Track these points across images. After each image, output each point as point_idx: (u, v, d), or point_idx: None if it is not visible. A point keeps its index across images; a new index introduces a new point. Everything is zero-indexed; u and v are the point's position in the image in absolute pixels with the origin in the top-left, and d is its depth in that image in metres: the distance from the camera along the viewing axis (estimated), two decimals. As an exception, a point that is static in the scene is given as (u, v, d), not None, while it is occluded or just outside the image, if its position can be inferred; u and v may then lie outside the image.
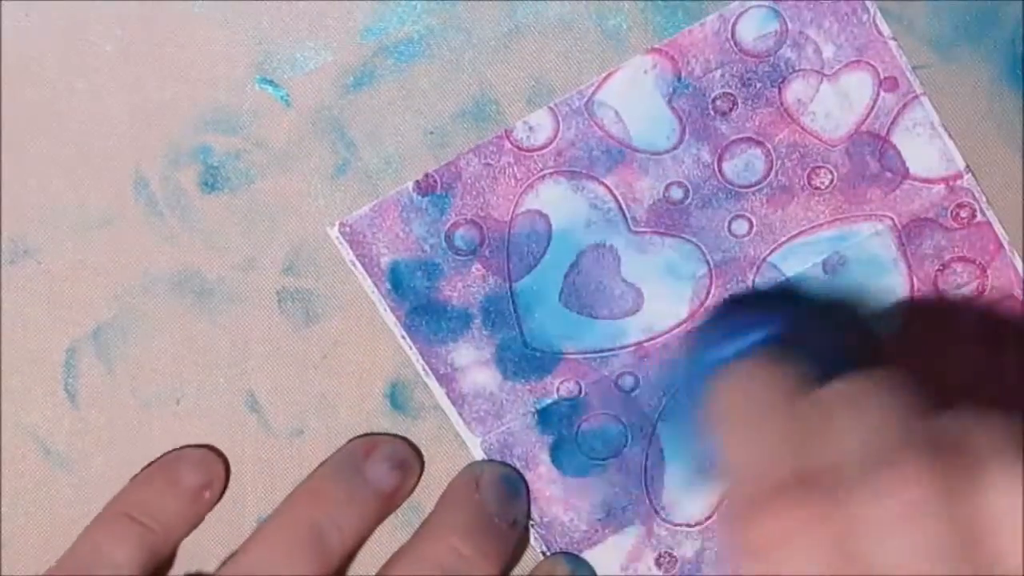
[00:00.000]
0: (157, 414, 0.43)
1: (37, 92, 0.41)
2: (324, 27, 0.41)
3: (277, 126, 0.41)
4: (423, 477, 0.43)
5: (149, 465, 0.42)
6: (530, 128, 0.41)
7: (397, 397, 0.43)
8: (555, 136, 0.41)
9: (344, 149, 0.41)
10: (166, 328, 0.42)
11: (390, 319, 0.42)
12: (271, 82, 0.41)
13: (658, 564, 0.43)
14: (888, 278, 0.41)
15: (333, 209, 0.41)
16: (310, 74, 0.41)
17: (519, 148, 0.41)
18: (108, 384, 0.42)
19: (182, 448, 0.42)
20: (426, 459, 0.43)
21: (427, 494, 0.43)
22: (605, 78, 0.41)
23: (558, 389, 0.42)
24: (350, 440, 0.43)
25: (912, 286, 0.42)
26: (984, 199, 0.41)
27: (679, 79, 0.41)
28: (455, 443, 0.43)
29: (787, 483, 0.30)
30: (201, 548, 0.43)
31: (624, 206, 0.41)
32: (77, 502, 0.42)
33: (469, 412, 0.42)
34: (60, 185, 0.42)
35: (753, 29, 0.40)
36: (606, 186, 0.41)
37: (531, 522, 0.43)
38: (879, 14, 0.40)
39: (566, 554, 0.43)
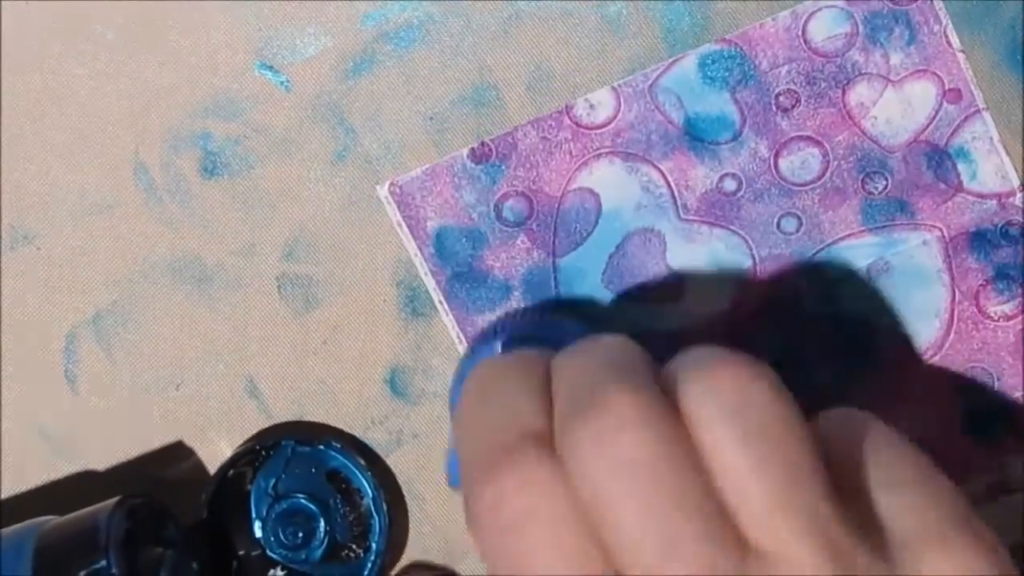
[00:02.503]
0: (157, 400, 0.43)
1: (37, 78, 0.41)
2: (324, 13, 0.41)
3: (277, 112, 0.41)
4: (424, 465, 0.43)
5: None
6: (591, 106, 0.41)
7: (397, 383, 0.43)
8: (615, 116, 0.41)
9: (344, 135, 0.41)
10: (166, 314, 0.42)
11: (430, 284, 0.42)
12: (271, 68, 0.41)
13: None
14: (930, 288, 0.41)
15: (333, 195, 0.42)
16: (310, 60, 0.41)
17: (578, 125, 0.41)
18: (108, 370, 0.43)
19: None
20: (427, 446, 0.43)
21: (429, 483, 0.43)
22: (672, 63, 0.40)
23: None
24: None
25: (953, 298, 0.41)
26: None
27: (745, 71, 0.40)
28: (455, 430, 0.43)
29: (511, 442, 0.30)
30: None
31: (676, 193, 0.41)
32: (77, 487, 0.42)
33: None
34: (60, 171, 0.42)
35: (824, 29, 0.40)
36: (660, 171, 0.41)
37: None
38: (950, 25, 0.40)
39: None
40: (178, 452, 0.43)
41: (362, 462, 0.42)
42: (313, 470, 0.42)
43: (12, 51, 0.41)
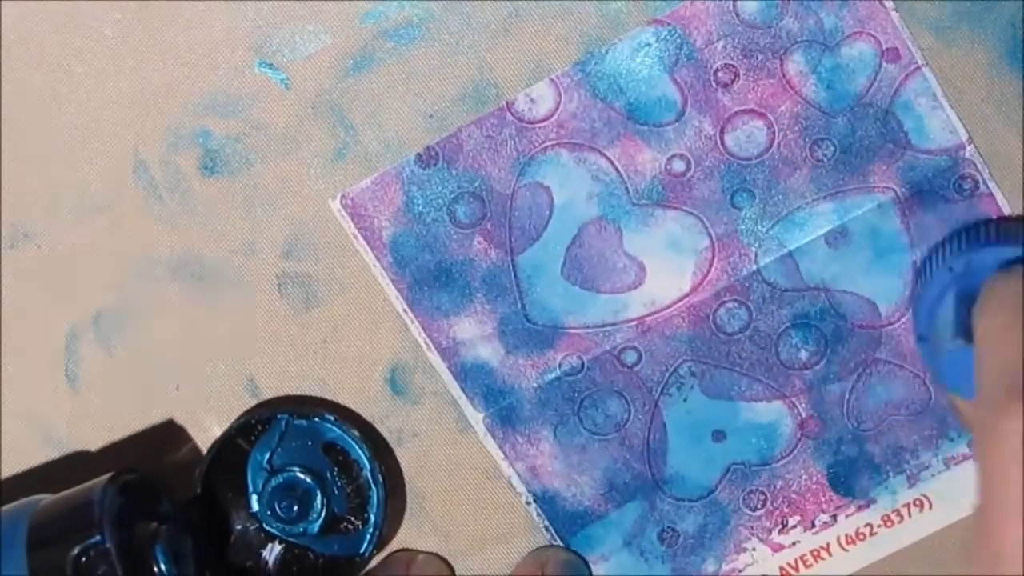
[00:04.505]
0: (157, 399, 0.43)
1: (37, 76, 0.41)
2: (324, 10, 0.41)
3: (277, 109, 0.41)
4: (424, 464, 0.43)
5: None
6: (531, 100, 0.41)
7: (397, 382, 0.43)
8: (556, 108, 0.41)
9: (344, 132, 0.41)
10: (166, 313, 0.42)
11: (392, 293, 0.42)
12: (271, 65, 0.41)
13: (661, 539, 0.43)
14: (891, 250, 0.42)
15: (333, 193, 0.41)
16: (310, 57, 0.41)
17: (520, 120, 0.41)
18: (108, 369, 0.42)
19: None
20: (427, 445, 0.43)
21: (429, 482, 0.43)
22: (607, 49, 0.41)
23: (560, 364, 0.42)
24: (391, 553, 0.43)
25: (914, 258, 0.42)
26: (987, 170, 0.41)
27: (681, 51, 0.41)
28: (455, 428, 0.43)
29: None
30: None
31: (626, 178, 0.41)
32: (76, 476, 0.42)
33: (471, 387, 0.42)
34: (60, 169, 0.41)
35: (756, 0, 0.40)
36: (608, 158, 0.41)
37: (533, 497, 0.43)
38: None
39: (554, 547, 0.43)
40: (176, 438, 0.43)
41: (358, 434, 0.41)
42: (309, 443, 0.42)
43: (12, 50, 0.41)
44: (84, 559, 0.36)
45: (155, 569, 0.38)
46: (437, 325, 0.42)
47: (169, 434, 0.43)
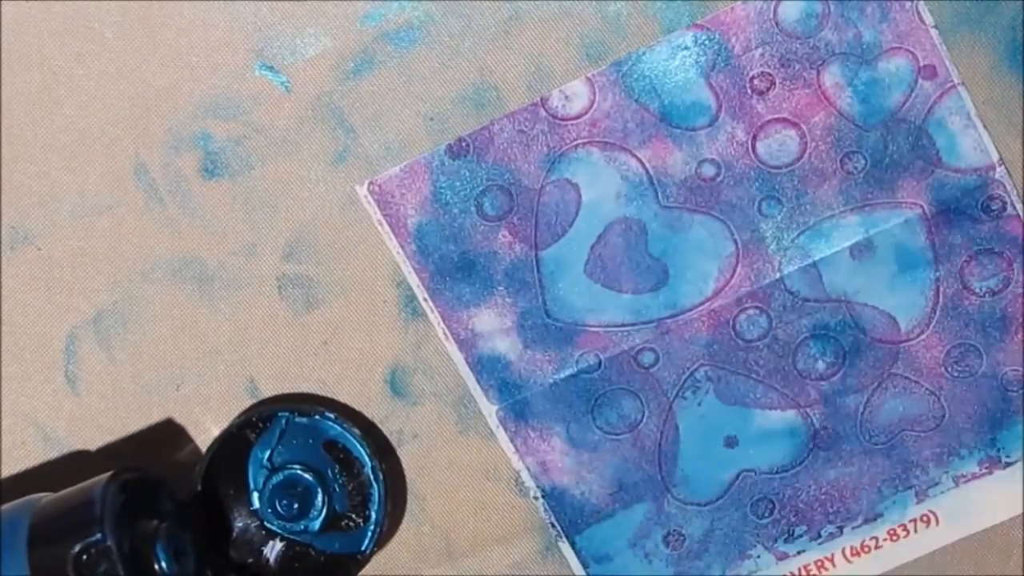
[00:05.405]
0: (157, 400, 0.43)
1: (37, 78, 0.41)
2: (324, 13, 0.41)
3: (277, 112, 0.41)
4: (424, 465, 0.43)
5: None
6: (566, 97, 0.41)
7: (397, 383, 0.43)
8: (590, 106, 0.41)
9: (344, 135, 0.41)
10: (166, 314, 0.42)
11: (414, 281, 0.42)
12: (271, 68, 0.41)
13: (666, 542, 0.43)
14: (914, 266, 0.41)
15: (333, 195, 0.42)
16: (310, 60, 0.41)
17: (554, 116, 0.41)
18: (108, 370, 0.43)
19: None
20: (427, 446, 0.43)
21: (429, 483, 0.43)
22: (645, 51, 0.41)
23: (577, 361, 0.42)
24: None
25: (938, 275, 0.42)
26: (1015, 192, 0.41)
27: (719, 56, 0.41)
28: (456, 429, 0.43)
29: None
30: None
31: (655, 180, 0.41)
32: (75, 476, 0.42)
33: (487, 379, 0.42)
34: (60, 171, 0.42)
35: (796, 10, 0.40)
36: (638, 159, 0.41)
37: (542, 493, 0.43)
38: (922, 2, 0.40)
39: None
40: (176, 439, 0.43)
41: (358, 432, 0.41)
42: (310, 440, 0.42)
43: (12, 51, 0.41)
44: (85, 557, 0.36)
45: (156, 567, 0.38)
46: (456, 316, 0.42)
47: (169, 435, 0.43)
